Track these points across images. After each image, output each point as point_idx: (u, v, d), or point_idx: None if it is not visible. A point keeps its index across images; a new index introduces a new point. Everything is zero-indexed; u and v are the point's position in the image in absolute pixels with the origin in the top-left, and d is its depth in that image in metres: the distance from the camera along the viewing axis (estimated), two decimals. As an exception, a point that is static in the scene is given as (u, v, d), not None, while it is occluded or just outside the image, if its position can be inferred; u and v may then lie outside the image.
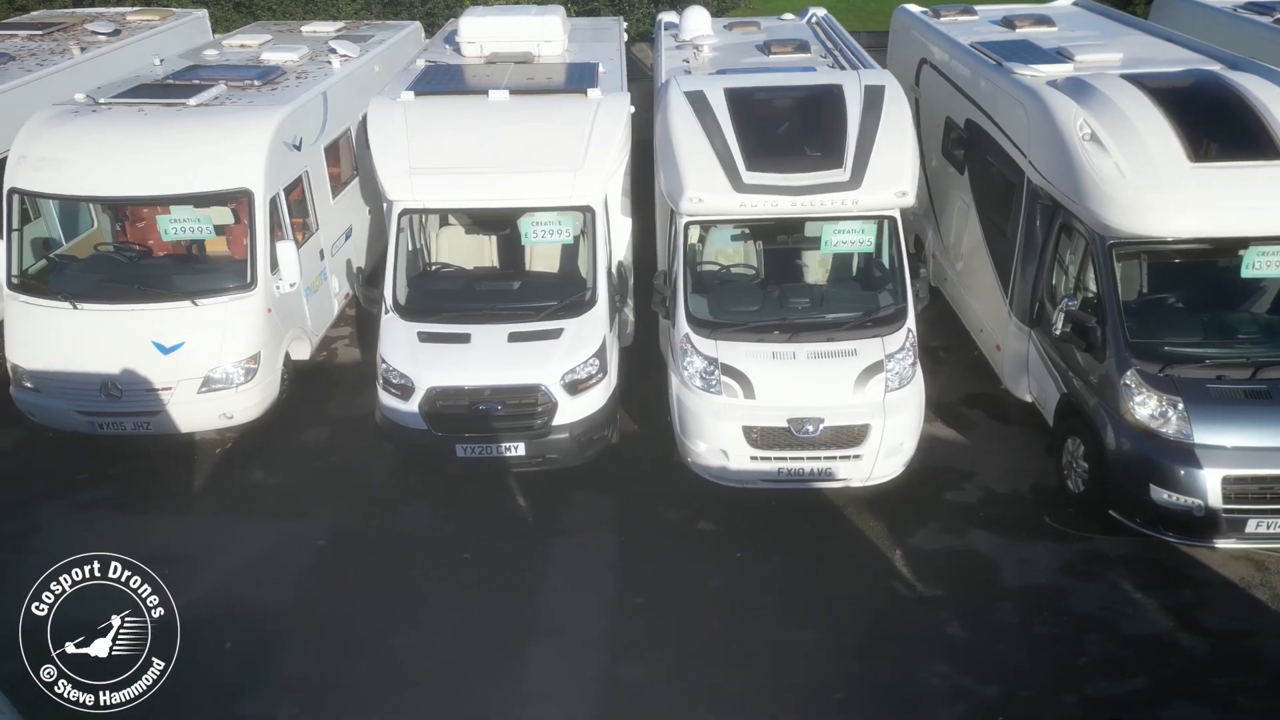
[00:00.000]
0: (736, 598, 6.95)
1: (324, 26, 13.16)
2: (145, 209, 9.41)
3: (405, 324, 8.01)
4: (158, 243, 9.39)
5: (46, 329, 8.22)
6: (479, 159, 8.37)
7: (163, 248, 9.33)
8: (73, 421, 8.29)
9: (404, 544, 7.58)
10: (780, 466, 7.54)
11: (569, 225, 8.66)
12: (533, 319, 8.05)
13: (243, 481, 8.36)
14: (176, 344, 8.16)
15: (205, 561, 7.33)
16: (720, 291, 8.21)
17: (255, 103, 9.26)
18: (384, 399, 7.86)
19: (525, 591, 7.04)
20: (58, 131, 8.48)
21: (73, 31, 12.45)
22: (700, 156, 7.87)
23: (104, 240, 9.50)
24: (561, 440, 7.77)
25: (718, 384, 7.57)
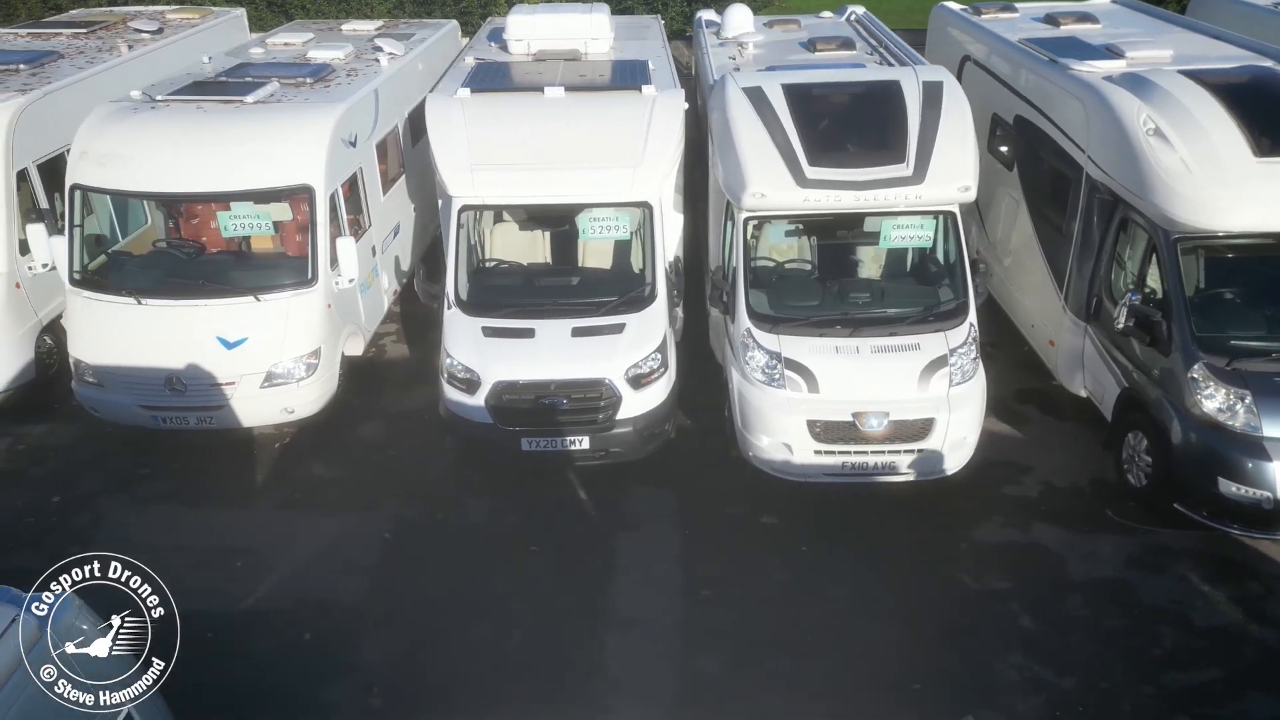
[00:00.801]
0: (805, 590, 6.98)
1: (364, 25, 13.24)
2: (199, 205, 9.50)
3: (469, 319, 8.06)
4: (210, 239, 9.49)
5: (110, 324, 8.28)
6: (539, 155, 8.42)
7: (215, 244, 9.42)
8: (135, 416, 8.34)
9: (469, 537, 7.63)
10: (844, 461, 7.58)
11: (626, 221, 8.72)
12: (594, 314, 8.10)
13: (303, 476, 8.42)
14: (240, 339, 8.20)
15: (275, 554, 7.39)
16: (779, 286, 8.25)
17: (312, 100, 9.32)
18: (449, 393, 7.91)
19: (594, 584, 7.09)
20: (119, 128, 8.54)
21: (115, 29, 12.51)
22: (762, 152, 7.91)
23: (157, 237, 9.56)
24: (625, 434, 7.81)
25: (781, 378, 7.61)
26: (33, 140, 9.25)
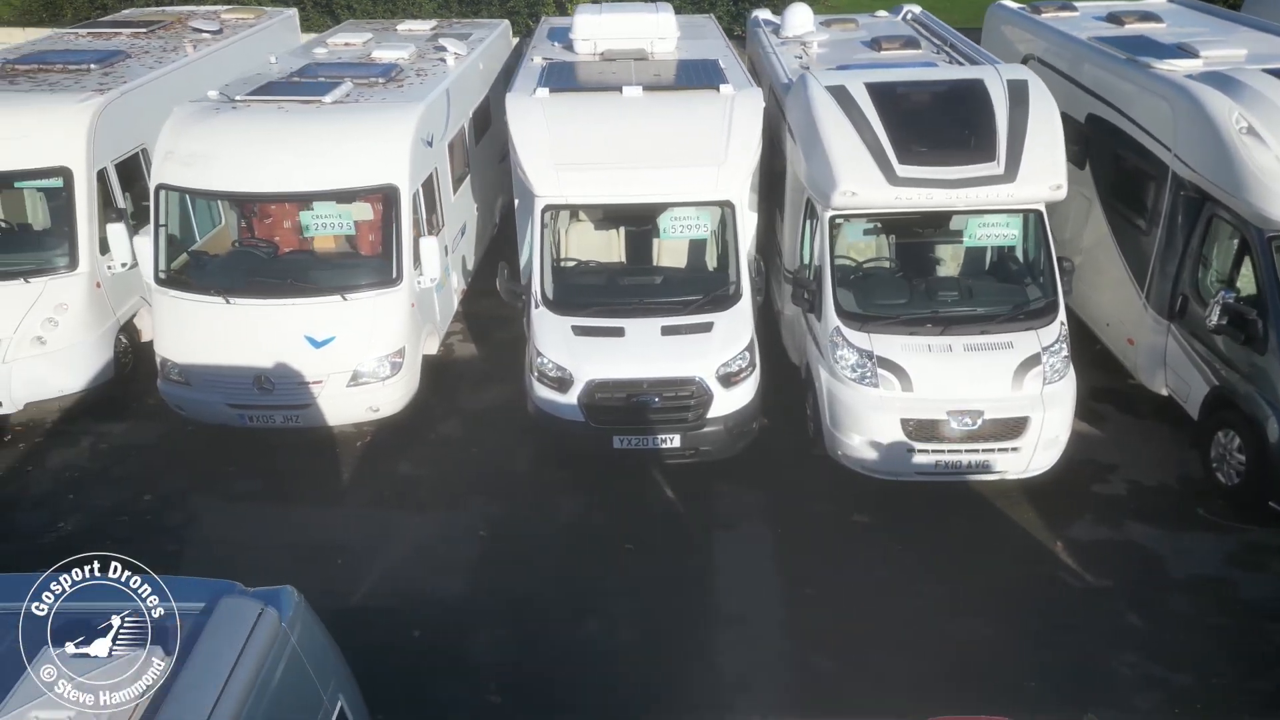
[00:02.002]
0: (906, 589, 7.00)
1: (419, 25, 13.28)
2: (272, 205, 9.54)
3: (558, 318, 8.08)
4: (283, 239, 9.52)
5: (198, 323, 8.32)
6: (622, 155, 8.45)
7: (288, 244, 9.46)
8: (222, 415, 8.38)
9: (563, 534, 7.65)
10: (937, 459, 7.60)
11: (706, 220, 8.75)
12: (681, 313, 8.12)
13: (389, 474, 8.45)
14: (328, 338, 8.24)
15: (374, 552, 7.43)
16: (865, 285, 8.26)
17: (389, 100, 9.36)
18: (539, 391, 7.93)
19: (695, 581, 7.11)
20: (204, 128, 8.58)
21: (174, 29, 12.56)
22: (851, 150, 7.92)
23: (233, 236, 9.59)
24: (716, 432, 7.83)
25: (873, 376, 7.62)
26: (111, 140, 9.31)
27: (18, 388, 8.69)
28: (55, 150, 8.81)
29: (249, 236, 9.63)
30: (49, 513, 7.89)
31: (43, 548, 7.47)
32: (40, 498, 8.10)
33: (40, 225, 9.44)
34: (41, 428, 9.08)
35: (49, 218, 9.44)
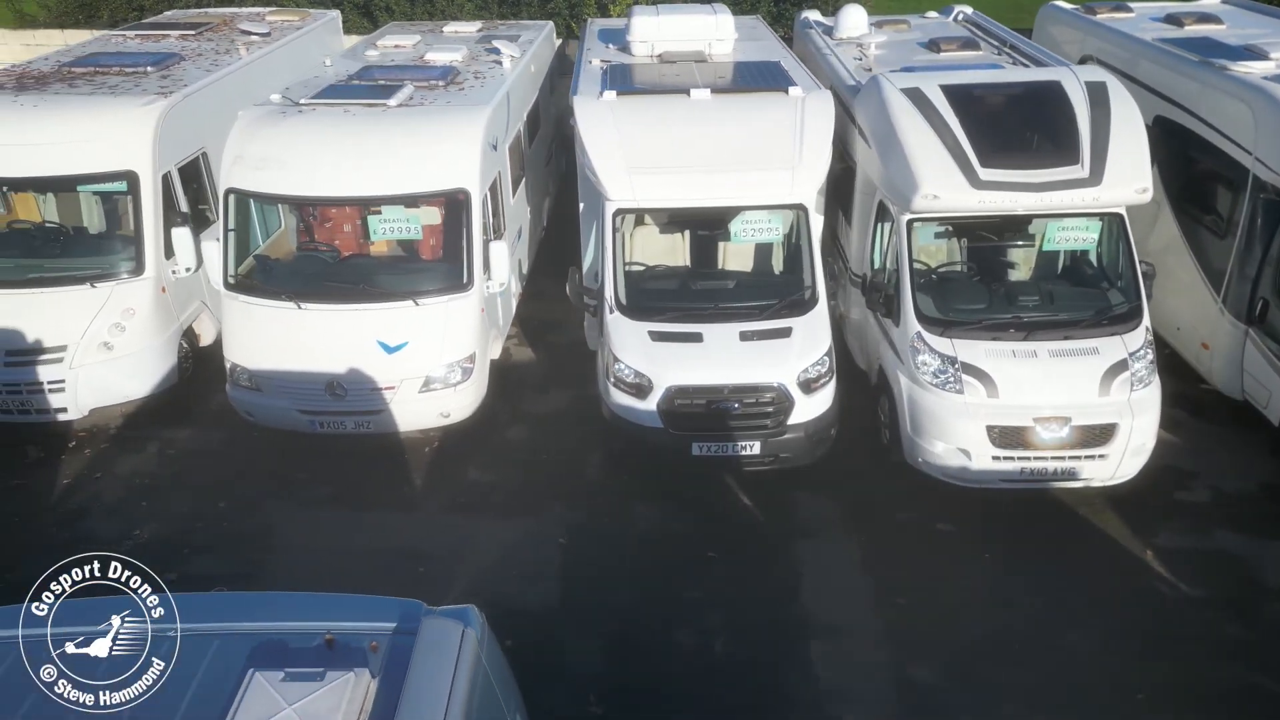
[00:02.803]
0: (999, 598, 6.91)
1: (465, 26, 13.23)
2: (333, 209, 9.48)
3: (634, 323, 8.00)
4: (343, 243, 9.47)
5: (269, 329, 8.25)
6: (694, 158, 8.36)
7: (348, 248, 9.41)
8: (293, 420, 8.31)
9: (643, 542, 7.57)
10: (1023, 466, 7.51)
11: (778, 223, 8.67)
12: (758, 318, 8.04)
13: (462, 480, 8.38)
14: (400, 343, 8.16)
15: (455, 559, 7.35)
16: (943, 289, 8.18)
17: (454, 103, 9.28)
18: (616, 397, 7.85)
19: (784, 590, 7.03)
20: (273, 132, 8.51)
21: (222, 31, 12.50)
22: (931, 153, 7.84)
23: (295, 241, 9.53)
24: (796, 439, 7.75)
25: (957, 383, 7.53)
26: (174, 144, 9.24)
27: (84, 393, 8.64)
28: (121, 154, 8.74)
29: (307, 241, 9.59)
30: (124, 520, 7.83)
31: (121, 555, 7.37)
32: (113, 505, 8.04)
33: (104, 229, 9.39)
34: (105, 434, 9.01)
35: (114, 222, 9.40)
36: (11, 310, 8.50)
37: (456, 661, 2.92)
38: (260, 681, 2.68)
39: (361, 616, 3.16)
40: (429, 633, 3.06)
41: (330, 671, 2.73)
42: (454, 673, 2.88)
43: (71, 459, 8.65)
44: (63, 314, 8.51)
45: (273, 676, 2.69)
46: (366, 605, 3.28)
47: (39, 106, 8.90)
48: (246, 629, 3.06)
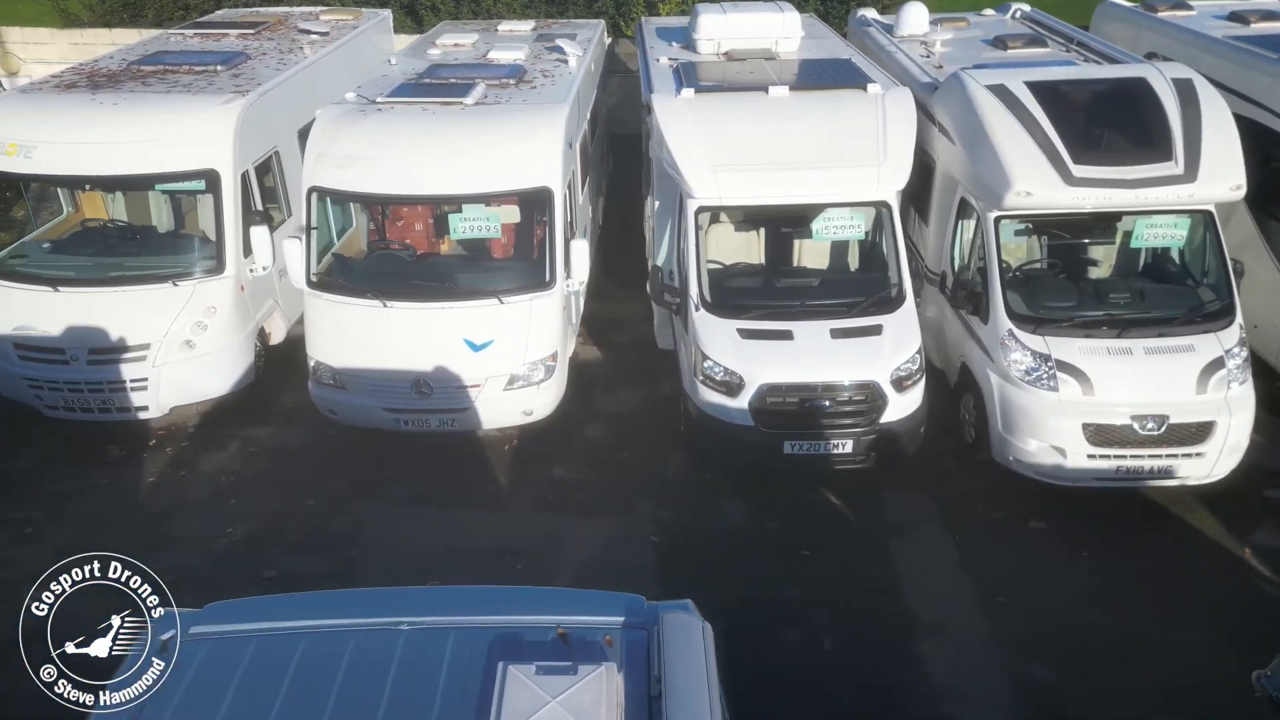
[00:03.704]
0: (1102, 597, 6.87)
1: (519, 25, 13.22)
2: (405, 208, 9.49)
3: (722, 321, 7.97)
4: (415, 242, 9.48)
5: (355, 327, 8.24)
6: (778, 156, 8.34)
7: (420, 247, 9.42)
8: (378, 418, 8.30)
9: (737, 541, 7.56)
10: (1119, 465, 7.48)
11: (861, 221, 8.65)
12: (846, 315, 8.01)
13: (546, 478, 8.37)
14: (486, 341, 8.15)
15: (550, 557, 7.35)
16: (1033, 286, 8.14)
17: (530, 101, 9.27)
18: (705, 395, 7.83)
19: (885, 589, 7.00)
20: (357, 130, 8.49)
21: (279, 30, 12.50)
22: (1023, 150, 7.81)
23: (366, 239, 9.53)
24: (889, 437, 7.72)
25: (1052, 380, 7.50)
26: (252, 142, 9.23)
27: (165, 392, 8.64)
28: (202, 152, 8.72)
29: (379, 240, 9.59)
30: (215, 517, 7.83)
31: (218, 553, 7.41)
32: (202, 502, 8.04)
33: (181, 228, 9.40)
34: (184, 432, 9.02)
35: (191, 220, 9.42)
36: (93, 309, 8.49)
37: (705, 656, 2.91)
38: (516, 675, 2.66)
39: (586, 611, 3.16)
40: (674, 628, 3.05)
41: (581, 665, 2.71)
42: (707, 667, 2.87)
43: (154, 457, 8.66)
44: (145, 312, 8.50)
45: (525, 670, 2.68)
46: (590, 600, 3.27)
47: (118, 105, 8.90)
48: (479, 623, 3.04)
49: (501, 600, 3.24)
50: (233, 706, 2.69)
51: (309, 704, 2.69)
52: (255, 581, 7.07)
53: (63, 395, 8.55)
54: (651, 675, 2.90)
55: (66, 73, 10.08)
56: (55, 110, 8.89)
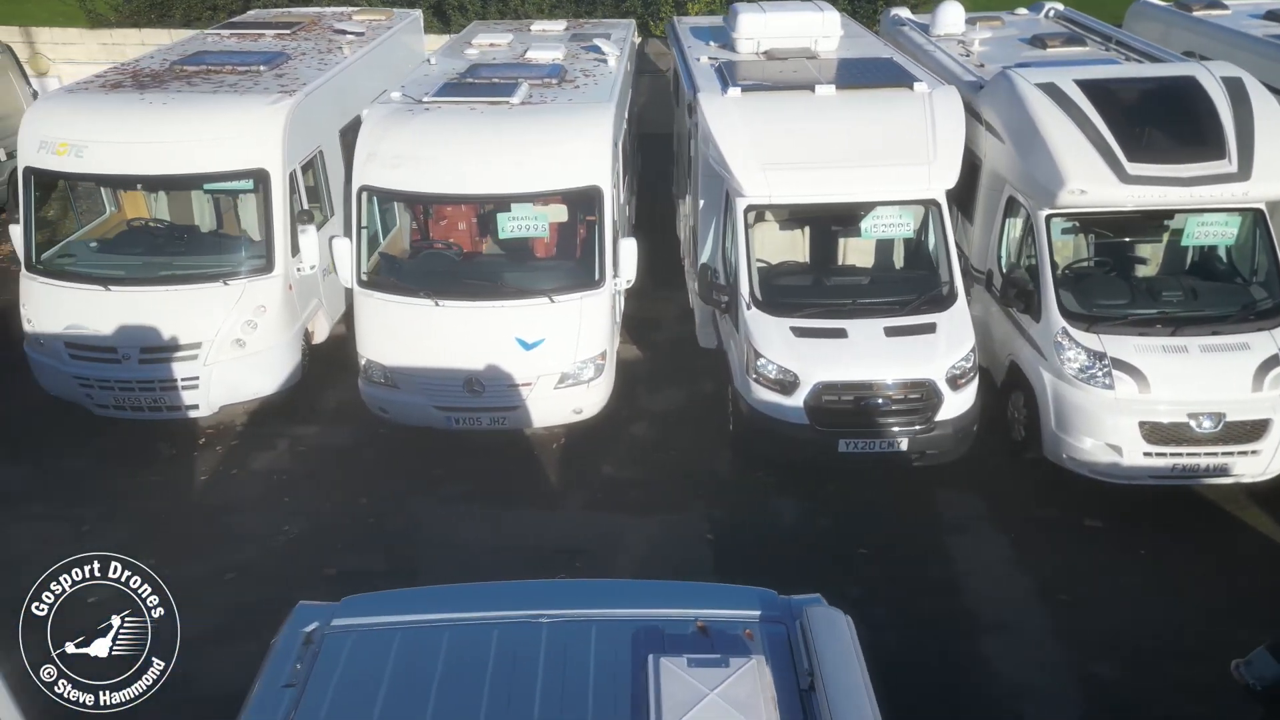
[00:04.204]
0: (1164, 594, 6.88)
1: (551, 25, 13.24)
2: (448, 208, 9.52)
3: (774, 319, 7.98)
4: (459, 241, 9.51)
5: (407, 326, 8.26)
6: (828, 154, 8.37)
7: (463, 245, 9.45)
8: (428, 417, 8.33)
9: (791, 537, 7.57)
10: (1175, 463, 7.48)
11: (909, 219, 8.66)
12: (898, 313, 8.02)
13: (596, 476, 8.39)
14: (538, 340, 8.18)
15: (609, 556, 7.37)
16: (1085, 284, 8.15)
17: (576, 100, 9.29)
18: (758, 393, 7.84)
19: (944, 588, 7.02)
20: (406, 130, 8.52)
21: (314, 30, 12.52)
22: (1076, 148, 7.82)
23: (408, 238, 9.56)
24: (943, 436, 7.73)
25: (1108, 378, 7.51)
26: (299, 142, 9.26)
27: (216, 390, 8.67)
28: (252, 152, 8.75)
29: (421, 239, 9.62)
30: (269, 516, 7.86)
31: (277, 551, 7.44)
32: (255, 501, 8.07)
33: (228, 227, 9.44)
34: (232, 431, 9.06)
35: (237, 219, 9.46)
36: (144, 308, 8.52)
37: (855, 648, 2.94)
38: (669, 667, 2.68)
39: (721, 604, 3.18)
40: (821, 621, 3.06)
41: (731, 658, 2.73)
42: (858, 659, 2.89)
43: (204, 456, 8.69)
44: (197, 311, 8.53)
45: (677, 662, 2.69)
46: (723, 593, 3.29)
47: (168, 105, 8.93)
48: (617, 615, 3.06)
49: (637, 593, 3.26)
50: (389, 698, 2.72)
51: (464, 695, 2.71)
52: (317, 579, 7.09)
53: (114, 394, 8.59)
54: (798, 668, 2.92)
55: (109, 72, 10.11)
56: (105, 110, 8.92)
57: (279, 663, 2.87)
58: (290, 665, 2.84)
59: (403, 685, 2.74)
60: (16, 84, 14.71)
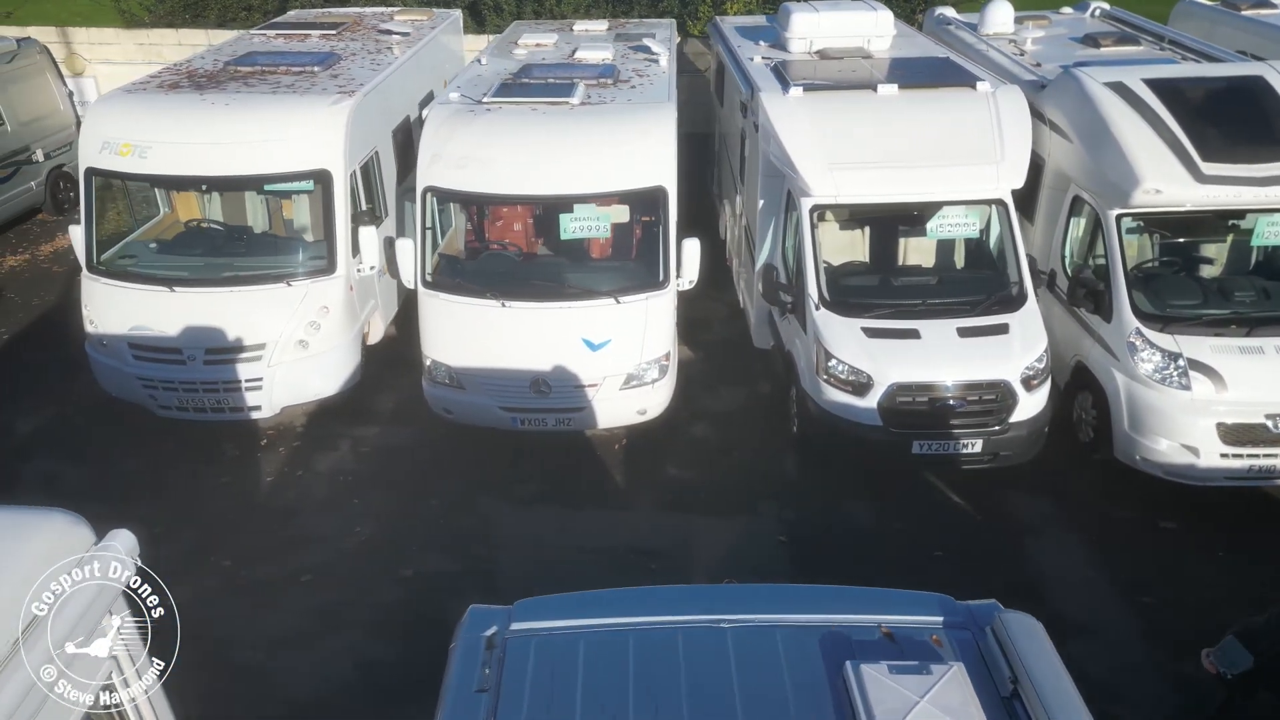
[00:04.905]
0: (1248, 597, 6.77)
1: (593, 25, 13.22)
2: (504, 208, 9.50)
3: (844, 320, 7.94)
4: (514, 241, 9.49)
5: (474, 327, 8.24)
6: (893, 154, 8.34)
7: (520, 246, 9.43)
8: (494, 418, 8.30)
9: (867, 541, 7.53)
10: (1252, 464, 7.43)
11: (975, 219, 8.62)
12: (969, 314, 7.98)
13: (661, 477, 8.36)
14: (604, 341, 8.16)
15: (682, 557, 7.33)
16: (1156, 284, 8.10)
17: (635, 100, 9.26)
18: (829, 394, 7.81)
19: (1025, 589, 6.95)
20: (471, 131, 8.49)
21: (358, 30, 12.51)
22: (1150, 147, 7.79)
23: (465, 239, 9.53)
24: (1018, 437, 7.69)
25: (1184, 379, 7.46)
26: (359, 143, 9.24)
27: (279, 392, 8.66)
28: (316, 153, 8.73)
29: (474, 239, 9.60)
30: (340, 517, 7.84)
31: (351, 552, 7.41)
32: (324, 502, 8.05)
33: (287, 228, 9.43)
34: (292, 432, 9.04)
35: (297, 220, 9.44)
36: (208, 309, 8.51)
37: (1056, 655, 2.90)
38: (871, 674, 2.65)
39: (901, 610, 3.14)
40: (1020, 628, 3.03)
41: (932, 665, 2.70)
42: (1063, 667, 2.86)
43: (268, 457, 8.68)
44: (261, 312, 8.51)
45: (878, 669, 2.66)
46: (901, 599, 3.26)
47: (230, 105, 8.92)
48: (800, 620, 3.03)
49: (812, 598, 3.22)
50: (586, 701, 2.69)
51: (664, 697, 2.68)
52: (393, 580, 7.08)
53: (177, 395, 8.57)
54: (995, 675, 2.88)
55: (164, 73, 10.11)
56: (168, 111, 8.91)
57: (466, 667, 2.84)
58: (478, 670, 2.81)
59: (598, 689, 2.71)
60: (53, 84, 14.75)
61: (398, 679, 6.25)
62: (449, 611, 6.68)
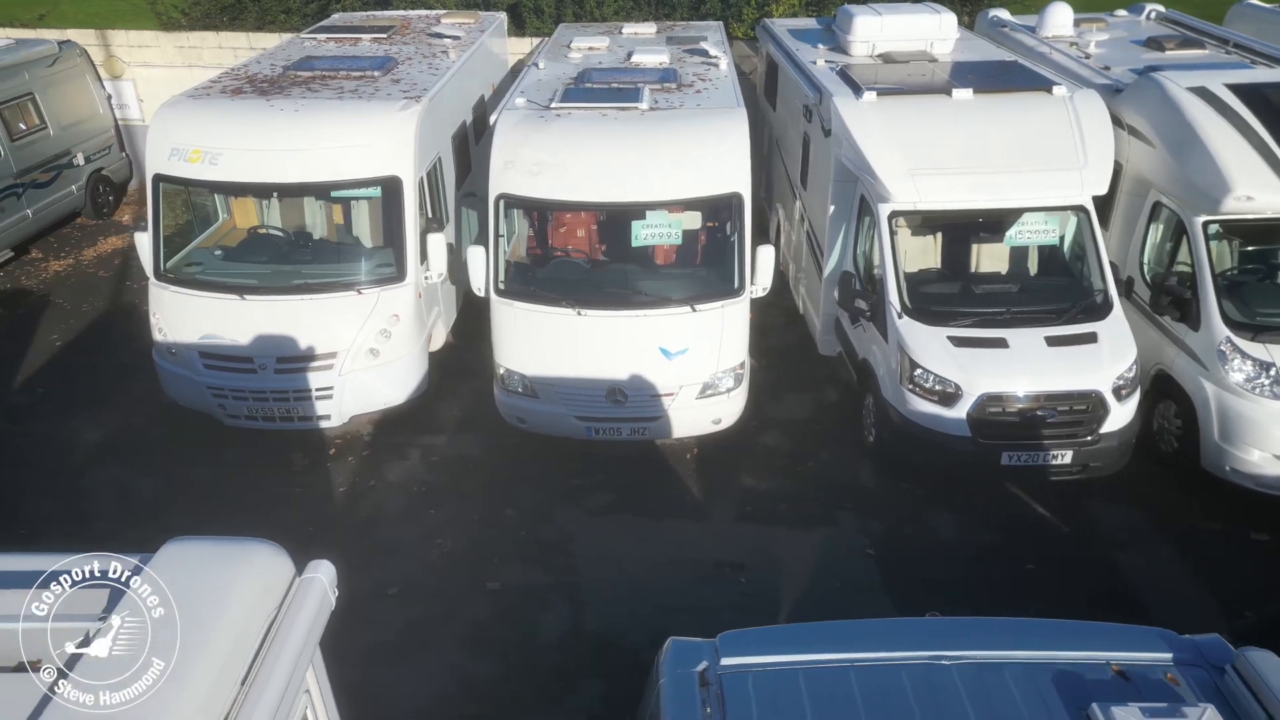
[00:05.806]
0: (1352, 611, 6.72)
1: (642, 28, 13.10)
2: (567, 215, 9.38)
3: (928, 328, 7.83)
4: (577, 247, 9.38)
5: (547, 335, 8.15)
6: (974, 160, 8.23)
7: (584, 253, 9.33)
8: (569, 427, 8.21)
9: (957, 554, 7.42)
10: (1348, 475, 7.33)
11: (1055, 225, 8.50)
12: (1055, 322, 7.86)
13: (738, 487, 8.26)
14: (681, 349, 8.06)
15: (771, 570, 7.22)
16: (1244, 293, 7.98)
17: (703, 105, 9.14)
18: (915, 405, 7.69)
19: (1124, 604, 6.86)
20: (544, 137, 8.39)
21: (406, 34, 12.42)
22: (1239, 154, 7.67)
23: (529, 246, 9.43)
24: (1108, 448, 7.57)
25: (1278, 389, 7.34)
26: (426, 149, 9.15)
27: (348, 400, 8.57)
28: (386, 160, 8.62)
29: (535, 245, 9.48)
30: (418, 528, 7.74)
31: (435, 565, 7.32)
32: (401, 513, 7.95)
33: (356, 235, 9.33)
34: (360, 441, 8.95)
35: (365, 228, 9.35)
36: (279, 317, 8.42)
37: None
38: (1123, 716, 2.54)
39: (1119, 645, 3.02)
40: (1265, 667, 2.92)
41: (1184, 707, 2.59)
42: None
43: (338, 466, 8.59)
44: (332, 320, 8.42)
45: (1129, 712, 2.56)
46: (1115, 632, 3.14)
47: (299, 112, 8.82)
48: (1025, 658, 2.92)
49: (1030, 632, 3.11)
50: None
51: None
52: (480, 593, 6.99)
53: (247, 404, 8.49)
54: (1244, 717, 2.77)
55: (224, 78, 10.01)
56: (238, 117, 8.82)
57: (682, 706, 2.73)
58: (698, 709, 2.71)
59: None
60: (92, 87, 14.70)
61: (506, 697, 6.14)
62: (543, 627, 6.68)
